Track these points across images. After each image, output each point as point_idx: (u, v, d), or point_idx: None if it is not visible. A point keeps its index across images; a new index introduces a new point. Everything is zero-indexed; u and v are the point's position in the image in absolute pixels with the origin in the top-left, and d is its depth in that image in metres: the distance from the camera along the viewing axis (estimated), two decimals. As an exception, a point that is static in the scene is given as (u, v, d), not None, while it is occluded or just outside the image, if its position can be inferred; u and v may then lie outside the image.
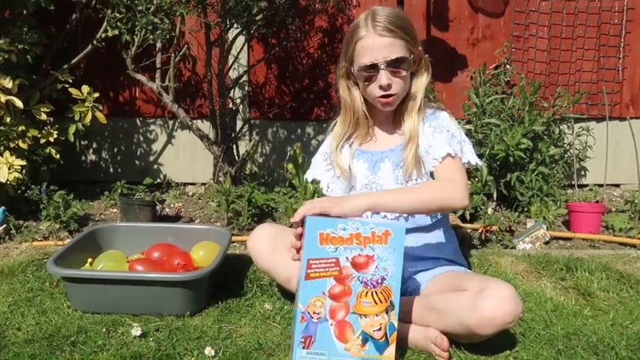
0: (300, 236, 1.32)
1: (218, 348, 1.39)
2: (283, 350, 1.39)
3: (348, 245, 1.26)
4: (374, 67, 1.48)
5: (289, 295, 1.61)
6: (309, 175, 1.70)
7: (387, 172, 1.58)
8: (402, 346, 1.40)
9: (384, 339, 1.25)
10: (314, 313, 1.26)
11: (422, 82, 1.56)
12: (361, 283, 1.26)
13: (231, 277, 1.78)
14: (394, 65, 1.47)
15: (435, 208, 1.47)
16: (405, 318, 1.42)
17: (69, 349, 1.39)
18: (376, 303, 1.25)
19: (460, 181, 1.49)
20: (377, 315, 1.25)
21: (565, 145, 2.78)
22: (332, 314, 1.26)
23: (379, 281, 1.26)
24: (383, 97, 1.51)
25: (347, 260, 1.26)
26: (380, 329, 1.25)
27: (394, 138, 1.60)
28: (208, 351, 1.37)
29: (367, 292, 1.26)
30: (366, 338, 1.25)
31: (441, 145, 1.51)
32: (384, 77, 1.47)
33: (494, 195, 2.53)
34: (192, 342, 1.43)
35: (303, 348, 1.26)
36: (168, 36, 2.33)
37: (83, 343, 1.42)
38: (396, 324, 1.26)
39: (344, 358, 1.26)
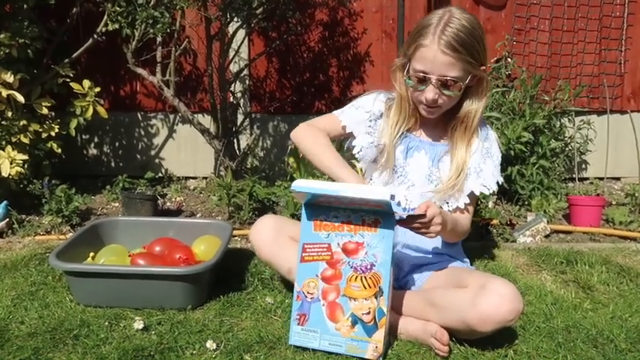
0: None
1: (219, 341, 1.40)
2: (284, 343, 1.40)
3: (339, 232, 1.35)
4: (425, 79, 1.44)
5: (291, 287, 1.61)
6: (342, 118, 1.62)
7: (419, 163, 1.57)
8: (402, 338, 1.42)
9: (372, 322, 1.31)
10: (308, 293, 1.37)
11: (478, 103, 1.51)
12: (351, 267, 1.33)
13: (233, 271, 1.79)
14: (446, 84, 1.43)
15: (453, 239, 1.60)
16: (406, 312, 1.44)
17: (72, 342, 1.40)
18: (365, 287, 1.32)
19: (472, 215, 1.62)
20: (366, 299, 1.32)
21: (566, 139, 2.79)
22: (324, 295, 1.35)
23: (368, 267, 1.32)
24: (426, 105, 1.50)
25: (338, 246, 1.35)
26: (369, 313, 1.31)
27: (437, 133, 1.59)
28: (210, 344, 1.38)
29: (357, 277, 1.33)
30: (355, 320, 1.32)
31: (490, 174, 1.55)
32: (430, 92, 1.44)
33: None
34: (193, 335, 1.44)
35: (298, 324, 1.37)
36: (168, 30, 2.33)
37: (86, 336, 1.43)
38: (385, 309, 1.30)
39: (334, 337, 1.34)
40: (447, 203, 1.56)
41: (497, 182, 1.58)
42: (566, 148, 2.78)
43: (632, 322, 1.52)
